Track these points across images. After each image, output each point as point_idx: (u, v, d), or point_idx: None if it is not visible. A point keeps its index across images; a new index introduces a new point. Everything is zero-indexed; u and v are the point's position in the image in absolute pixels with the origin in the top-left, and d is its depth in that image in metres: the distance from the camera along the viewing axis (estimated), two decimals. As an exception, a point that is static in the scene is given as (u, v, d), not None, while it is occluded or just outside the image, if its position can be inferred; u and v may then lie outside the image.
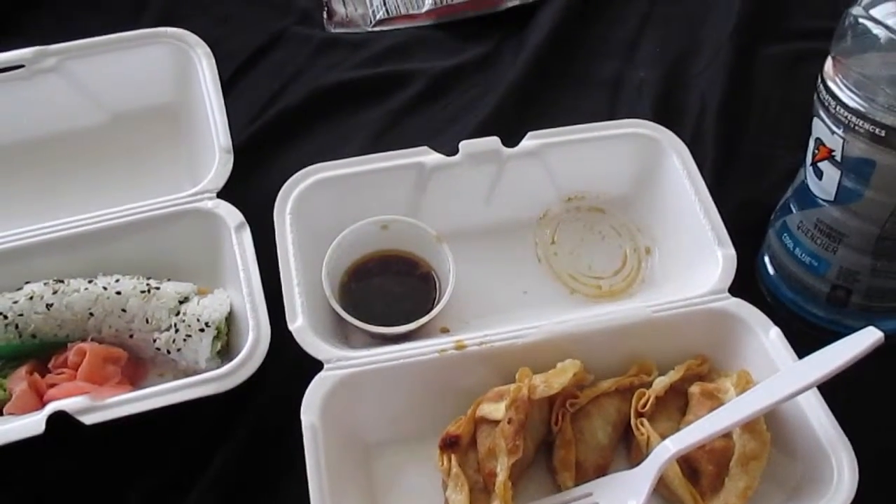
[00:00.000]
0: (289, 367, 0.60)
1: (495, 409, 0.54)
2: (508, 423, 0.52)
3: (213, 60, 0.72)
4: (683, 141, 0.69)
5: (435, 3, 0.92)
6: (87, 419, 0.55)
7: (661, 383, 0.58)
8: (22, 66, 0.70)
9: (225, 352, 0.62)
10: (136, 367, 0.63)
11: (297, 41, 0.90)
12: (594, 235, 0.71)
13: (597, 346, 0.59)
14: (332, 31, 0.92)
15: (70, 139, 0.73)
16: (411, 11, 0.93)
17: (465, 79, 0.87)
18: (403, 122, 0.82)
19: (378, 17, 0.93)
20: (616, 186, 0.71)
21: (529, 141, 0.69)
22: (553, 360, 0.58)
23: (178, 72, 0.73)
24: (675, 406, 0.58)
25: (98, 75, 0.72)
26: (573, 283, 0.68)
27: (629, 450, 0.58)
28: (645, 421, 0.56)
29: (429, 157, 0.67)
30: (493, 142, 0.68)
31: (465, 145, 0.68)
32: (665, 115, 0.79)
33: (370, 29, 0.93)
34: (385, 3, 0.94)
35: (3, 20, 0.87)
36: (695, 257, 0.66)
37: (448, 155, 0.68)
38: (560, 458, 0.55)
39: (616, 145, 0.70)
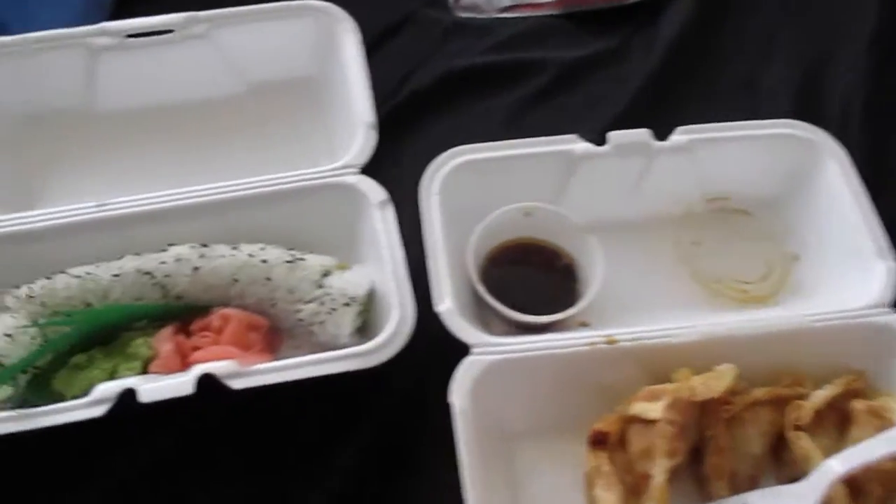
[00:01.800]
0: (427, 349, 0.59)
1: (650, 409, 0.53)
2: (669, 424, 0.51)
3: (359, 36, 0.71)
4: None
5: (563, -8, 0.91)
6: (235, 384, 0.54)
7: (819, 397, 0.55)
8: (171, 31, 0.70)
9: (363, 329, 0.62)
10: (274, 336, 0.62)
11: (426, 24, 0.89)
12: (739, 238, 0.68)
13: (750, 352, 0.57)
14: (460, 15, 0.91)
15: (211, 106, 0.73)
16: (538, 0, 0.92)
17: (594, 70, 0.85)
18: (534, 111, 0.80)
19: (504, 4, 0.92)
20: (764, 188, 0.69)
21: (679, 136, 0.67)
22: (706, 363, 0.56)
23: (322, 45, 0.72)
24: (831, 422, 0.56)
25: (243, 44, 0.72)
26: (716, 286, 0.66)
27: (779, 463, 0.56)
28: (803, 434, 0.53)
29: (577, 145, 0.66)
30: (644, 134, 0.66)
31: (614, 136, 0.66)
32: (805, 119, 0.76)
33: (496, 15, 0.91)
34: (511, -11, 0.92)
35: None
36: (848, 268, 0.63)
37: (596, 144, 0.66)
38: (713, 465, 0.53)
39: (767, 145, 0.67)
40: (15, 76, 0.69)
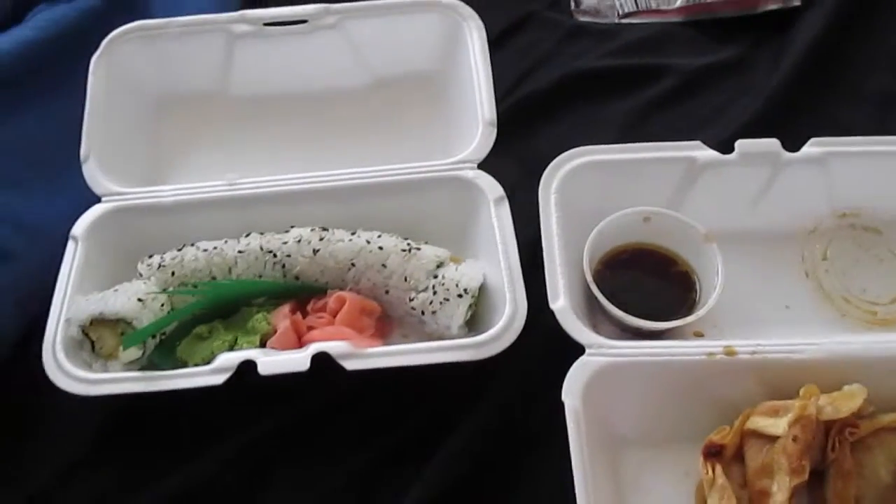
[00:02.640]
0: (537, 346, 0.59)
1: (772, 424, 0.51)
2: (793, 440, 0.49)
3: (484, 33, 0.72)
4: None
5: (687, 0, 0.89)
6: (348, 364, 0.56)
7: (956, 428, 0.52)
8: (305, 21, 0.73)
9: (471, 322, 0.62)
10: (384, 323, 0.63)
11: (547, 26, 0.89)
12: (870, 257, 0.65)
13: (879, 376, 0.54)
14: (580, 19, 0.91)
15: (337, 96, 0.75)
16: (661, 6, 0.90)
17: (718, 80, 0.83)
18: (655, 117, 0.79)
19: (626, 10, 0.91)
20: (898, 207, 0.66)
21: (812, 147, 0.64)
22: (830, 383, 0.53)
23: (447, 41, 0.73)
24: (968, 455, 0.52)
25: (372, 37, 0.74)
26: (844, 306, 0.63)
27: (908, 494, 0.52)
28: (936, 465, 0.50)
29: (701, 152, 0.64)
30: (773, 144, 0.64)
31: (742, 144, 0.64)
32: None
33: (618, 20, 0.90)
34: (635, -4, 0.91)
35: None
36: None
37: (721, 152, 0.65)
38: (837, 490, 0.50)
39: (904, 163, 0.64)
40: (157, 58, 0.73)
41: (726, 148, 0.65)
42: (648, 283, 0.64)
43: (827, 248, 0.65)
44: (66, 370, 0.56)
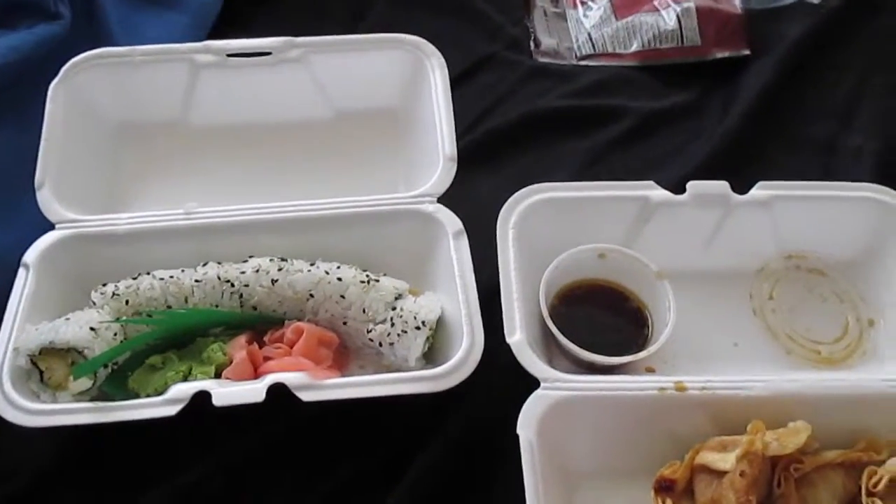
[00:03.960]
0: (494, 379, 0.59)
1: (720, 459, 0.52)
2: (740, 475, 0.50)
3: (447, 71, 0.73)
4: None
5: (642, 45, 0.92)
6: (305, 396, 0.55)
7: (895, 464, 0.54)
8: (269, 53, 0.73)
9: (428, 355, 0.62)
10: (341, 355, 0.63)
11: (507, 66, 0.92)
12: (814, 298, 0.67)
13: (823, 413, 0.56)
14: (540, 60, 0.93)
15: (298, 128, 0.76)
16: (618, 50, 0.93)
17: (672, 123, 0.86)
18: (611, 157, 0.81)
19: (584, 52, 0.94)
20: (841, 250, 0.68)
21: (759, 190, 0.67)
22: (777, 419, 0.55)
23: (410, 78, 0.75)
24: (907, 491, 0.54)
25: (334, 71, 0.75)
26: (790, 344, 0.65)
27: (851, 529, 0.54)
28: (878, 501, 0.52)
29: (655, 191, 0.66)
30: (723, 186, 0.67)
31: (693, 185, 0.66)
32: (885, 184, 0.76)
33: (576, 62, 0.93)
34: (591, 40, 0.94)
35: (234, 18, 0.92)
36: (926, 336, 0.61)
37: (674, 192, 0.67)
38: (783, 523, 0.51)
39: (847, 207, 0.67)
40: (118, 85, 0.73)
41: (678, 188, 0.67)
42: (603, 319, 0.65)
43: (774, 288, 0.68)
44: (12, 401, 0.55)
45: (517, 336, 0.58)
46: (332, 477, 0.58)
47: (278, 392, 0.56)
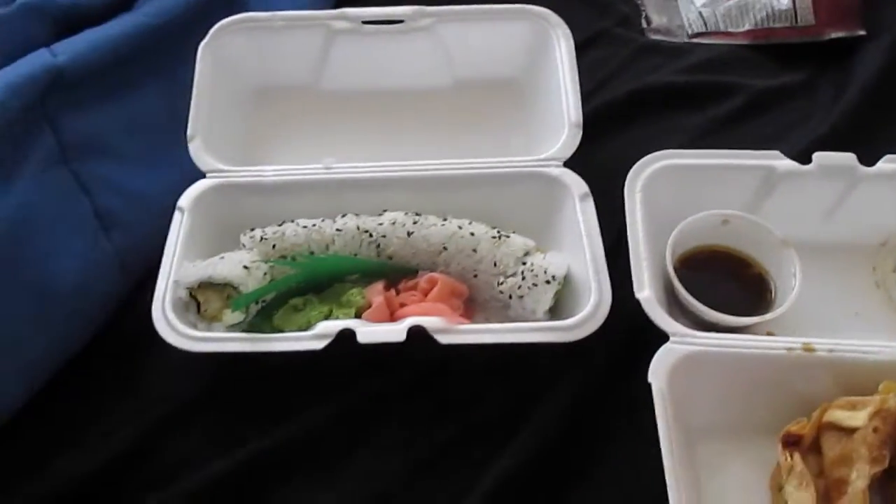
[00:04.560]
0: (621, 334, 0.61)
1: (850, 417, 0.53)
2: (874, 431, 0.51)
3: (572, 41, 0.75)
4: None
5: (755, 24, 0.92)
6: (442, 339, 0.59)
7: None
8: (401, 21, 0.77)
9: (552, 311, 0.65)
10: (468, 307, 0.66)
11: (618, 42, 0.93)
12: (938, 273, 0.68)
13: (953, 381, 0.56)
14: (651, 37, 0.94)
15: (428, 94, 0.79)
16: (729, 29, 0.94)
17: (786, 100, 0.86)
18: (724, 132, 0.82)
19: (695, 30, 0.94)
20: (968, 227, 0.68)
21: (887, 164, 0.67)
22: (904, 384, 0.56)
23: (536, 47, 0.77)
24: None
25: (464, 40, 0.77)
26: (913, 316, 0.65)
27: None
28: None
29: (780, 161, 0.67)
30: (850, 158, 0.67)
31: (819, 156, 0.67)
32: None
33: (687, 40, 0.94)
34: (703, 17, 0.95)
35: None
36: None
37: (800, 163, 0.68)
38: (911, 483, 0.52)
39: (977, 184, 0.67)
40: (259, 48, 0.77)
41: (802, 160, 0.68)
42: (724, 284, 0.67)
43: (898, 262, 0.68)
44: (175, 328, 0.59)
45: (646, 292, 0.60)
46: (462, 418, 0.61)
47: (418, 333, 0.59)
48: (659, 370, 0.56)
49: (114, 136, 0.70)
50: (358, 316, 0.62)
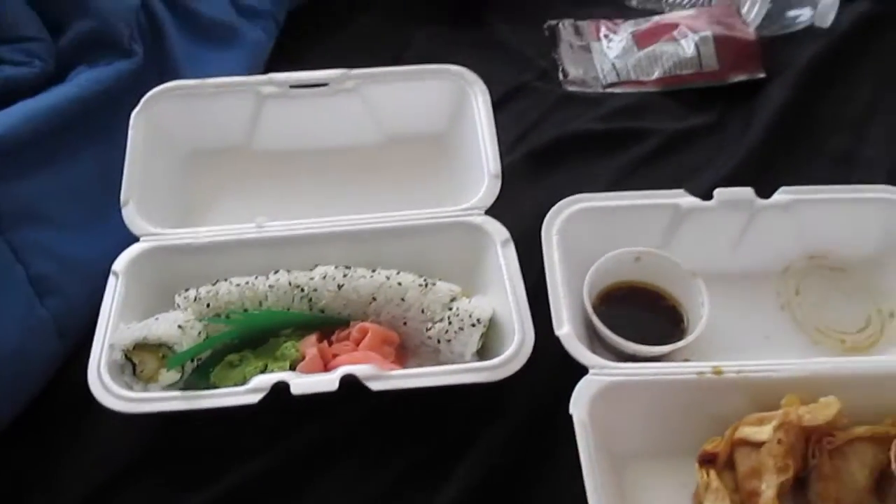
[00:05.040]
0: (544, 370, 0.64)
1: (758, 431, 0.57)
2: (778, 443, 0.55)
3: (489, 97, 0.80)
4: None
5: (664, 72, 0.99)
6: (374, 385, 0.61)
7: (920, 436, 0.58)
8: (327, 84, 0.80)
9: (479, 353, 0.67)
10: (400, 354, 0.69)
11: (538, 94, 0.99)
12: (837, 293, 0.73)
13: (852, 392, 0.60)
14: (568, 88, 1.00)
15: (354, 151, 0.82)
16: (641, 78, 1.00)
17: (695, 141, 0.92)
18: (640, 172, 0.87)
19: (609, 80, 1.01)
20: (861, 248, 0.73)
21: (781, 195, 0.72)
22: (807, 398, 0.60)
23: (455, 104, 0.81)
24: (932, 462, 0.58)
25: (386, 99, 0.81)
26: (816, 335, 0.70)
27: (883, 497, 0.58)
28: (905, 470, 0.56)
29: (684, 199, 0.72)
30: (748, 192, 0.72)
31: (719, 192, 0.72)
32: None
33: (602, 90, 1.00)
34: (616, 68, 1.01)
35: (290, 53, 1.00)
36: (944, 326, 0.66)
37: (702, 199, 0.72)
38: (819, 490, 0.56)
39: (864, 208, 0.73)
40: (191, 113, 0.80)
41: (706, 197, 0.73)
42: (641, 317, 0.71)
43: (799, 285, 0.73)
44: (111, 390, 0.60)
45: (566, 329, 0.63)
46: (398, 461, 0.63)
47: (350, 382, 0.61)
48: (579, 401, 0.59)
49: (50, 203, 0.72)
50: (293, 368, 0.64)
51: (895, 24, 1.05)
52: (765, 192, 0.74)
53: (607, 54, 1.03)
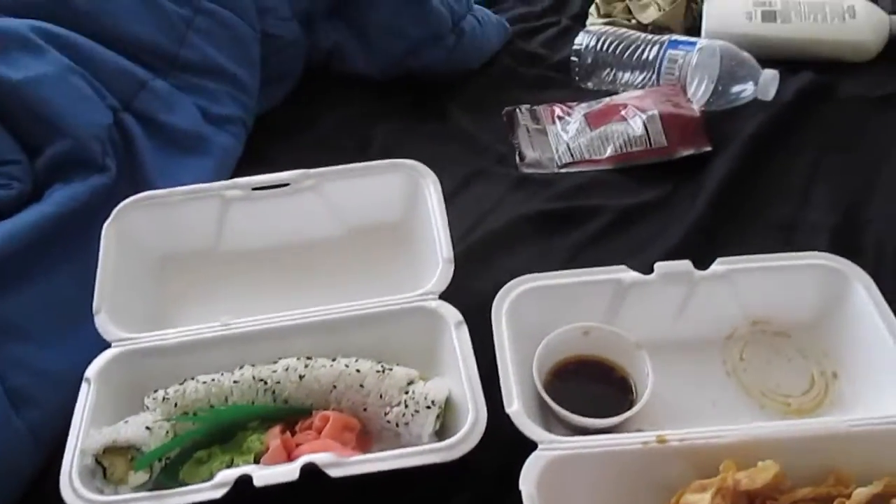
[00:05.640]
0: (497, 447, 0.67)
1: (700, 499, 0.59)
2: (715, 510, 0.57)
3: (440, 187, 0.85)
4: (863, 277, 0.74)
5: (615, 150, 1.04)
6: (333, 472, 0.63)
7: (861, 494, 0.60)
8: (287, 185, 0.85)
9: (440, 433, 0.70)
10: (364, 439, 0.71)
11: (496, 178, 1.04)
12: (781, 357, 0.75)
13: (793, 454, 0.62)
14: (524, 171, 1.05)
15: (316, 245, 0.87)
16: (593, 157, 1.05)
17: (646, 215, 0.96)
18: (593, 248, 0.91)
19: (564, 161, 1.06)
20: (801, 313, 0.76)
21: (719, 266, 0.76)
22: (751, 462, 0.62)
23: (409, 195, 0.86)
24: (875, 519, 0.60)
25: (344, 195, 0.86)
26: (762, 399, 0.72)
27: (827, 558, 0.60)
28: (847, 527, 0.58)
29: (626, 274, 0.76)
30: (686, 264, 0.76)
31: (659, 266, 0.76)
32: (842, 255, 0.84)
33: (557, 170, 1.05)
34: (570, 149, 1.07)
35: (257, 156, 1.06)
36: (883, 382, 0.69)
37: (643, 273, 0.76)
38: (762, 554, 0.58)
39: (801, 274, 0.76)
40: (160, 221, 0.85)
41: (649, 270, 0.77)
42: (593, 389, 0.73)
43: (743, 351, 0.76)
44: (81, 495, 0.63)
45: (515, 406, 0.66)
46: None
47: (310, 471, 0.64)
48: (528, 476, 0.61)
49: (27, 318, 0.76)
50: (257, 461, 0.67)
51: (835, 93, 1.12)
52: (711, 262, 0.77)
53: (562, 136, 1.09)
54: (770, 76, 1.08)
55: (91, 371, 0.72)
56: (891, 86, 1.12)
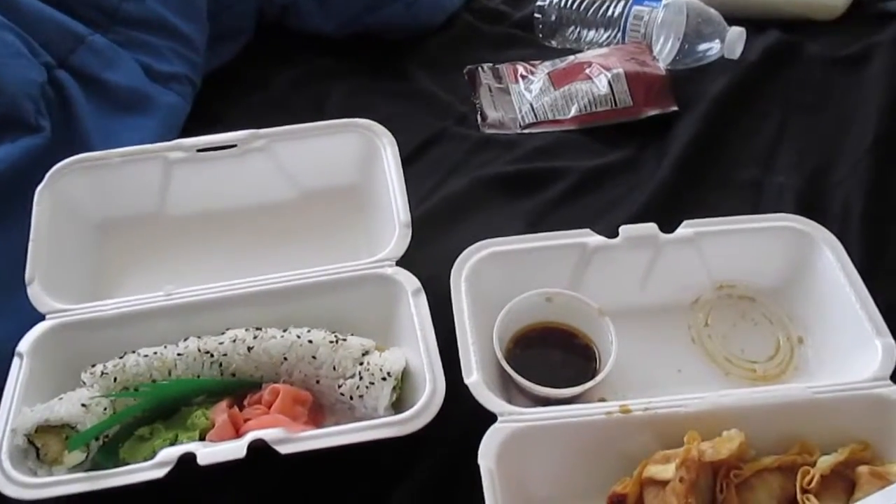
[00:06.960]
0: (456, 420, 0.64)
1: (663, 470, 0.57)
2: (679, 481, 0.55)
3: (397, 148, 0.81)
4: (829, 239, 0.72)
5: (580, 110, 1.01)
6: (283, 449, 0.60)
7: (826, 462, 0.59)
8: (235, 146, 0.81)
9: (397, 405, 0.67)
10: (316, 412, 0.68)
11: (457, 139, 1.00)
12: (746, 322, 0.74)
13: (758, 423, 0.61)
14: (486, 132, 1.02)
15: (267, 209, 0.83)
16: (557, 117, 1.02)
17: (611, 177, 0.93)
18: (557, 212, 0.88)
19: (527, 122, 1.02)
20: (767, 277, 0.75)
21: (685, 229, 0.74)
22: (715, 432, 0.60)
23: (365, 157, 0.82)
24: (840, 487, 0.59)
25: (296, 156, 0.82)
26: (727, 366, 0.71)
27: (792, 526, 0.59)
28: (812, 498, 0.57)
29: (591, 238, 0.73)
30: (651, 227, 0.73)
31: (624, 229, 0.73)
32: (808, 217, 0.83)
33: (520, 131, 1.01)
34: (533, 109, 1.03)
35: (205, 116, 1.00)
36: (849, 347, 0.67)
37: (609, 237, 0.73)
38: (726, 525, 0.56)
39: (768, 237, 0.74)
40: (98, 185, 0.80)
41: (614, 234, 0.74)
42: (556, 357, 0.71)
43: (708, 317, 0.74)
44: (12, 478, 0.59)
45: (474, 377, 0.63)
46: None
47: (259, 448, 0.60)
48: (487, 450, 0.59)
49: (-46, 287, 0.71)
50: (203, 438, 0.63)
51: (802, 53, 1.09)
52: (677, 225, 0.75)
53: (525, 95, 1.05)
54: (737, 34, 1.05)
55: (23, 345, 0.67)
56: (856, 45, 1.09)
